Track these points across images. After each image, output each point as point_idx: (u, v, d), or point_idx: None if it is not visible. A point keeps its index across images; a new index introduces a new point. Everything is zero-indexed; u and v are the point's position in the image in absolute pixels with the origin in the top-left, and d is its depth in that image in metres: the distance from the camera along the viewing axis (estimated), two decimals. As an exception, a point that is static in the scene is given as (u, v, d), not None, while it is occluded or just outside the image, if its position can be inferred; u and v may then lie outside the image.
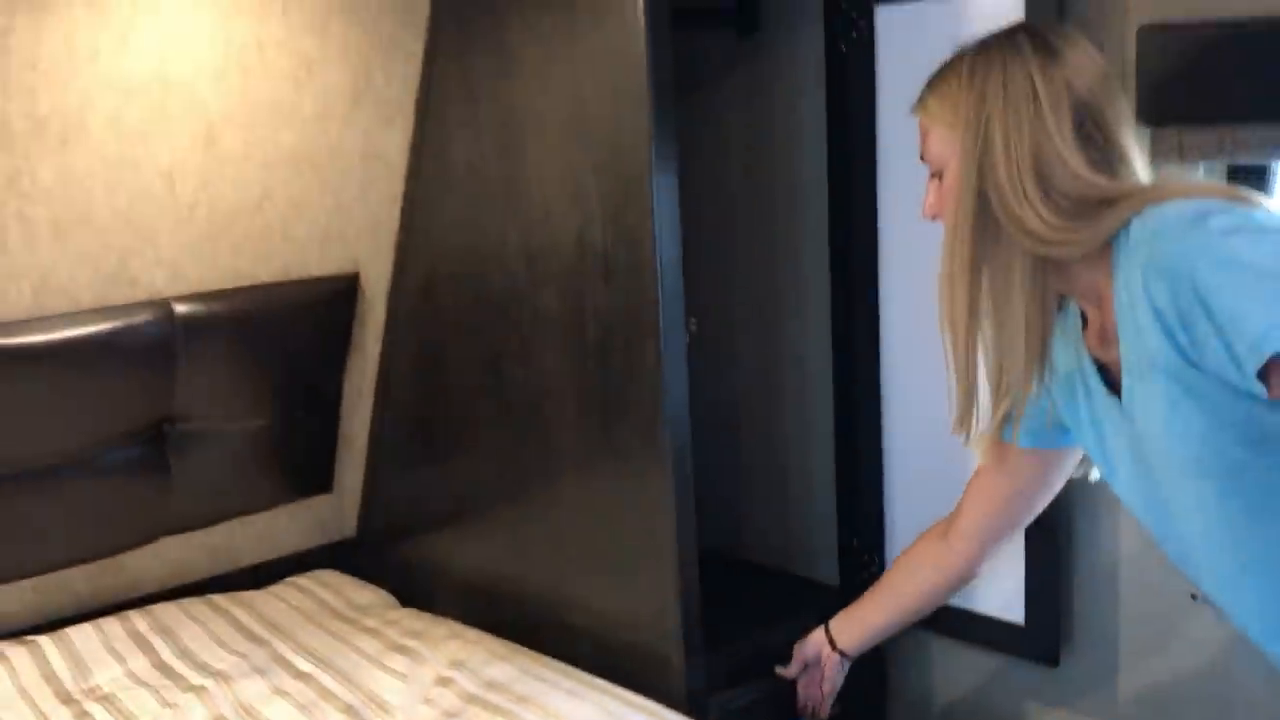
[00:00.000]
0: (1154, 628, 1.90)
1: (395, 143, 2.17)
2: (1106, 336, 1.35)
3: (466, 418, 2.22)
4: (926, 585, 1.78)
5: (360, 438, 2.45)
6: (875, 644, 1.88)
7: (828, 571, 2.29)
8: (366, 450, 2.46)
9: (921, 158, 1.42)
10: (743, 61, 2.31)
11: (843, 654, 1.86)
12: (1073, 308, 1.41)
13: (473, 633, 2.12)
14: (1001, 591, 2.01)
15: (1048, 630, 1.97)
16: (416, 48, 2.10)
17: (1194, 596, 1.78)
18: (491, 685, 1.90)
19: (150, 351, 2.05)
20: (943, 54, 1.41)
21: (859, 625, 1.85)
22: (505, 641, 2.07)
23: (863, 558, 2.20)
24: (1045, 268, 1.32)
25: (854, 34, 2.03)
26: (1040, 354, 1.36)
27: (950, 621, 2.07)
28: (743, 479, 2.48)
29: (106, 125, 1.87)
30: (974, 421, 1.46)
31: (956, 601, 1.98)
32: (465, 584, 2.30)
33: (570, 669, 1.95)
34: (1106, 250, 1.29)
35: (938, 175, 1.40)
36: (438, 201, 2.18)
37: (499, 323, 2.09)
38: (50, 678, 1.97)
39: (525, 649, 2.04)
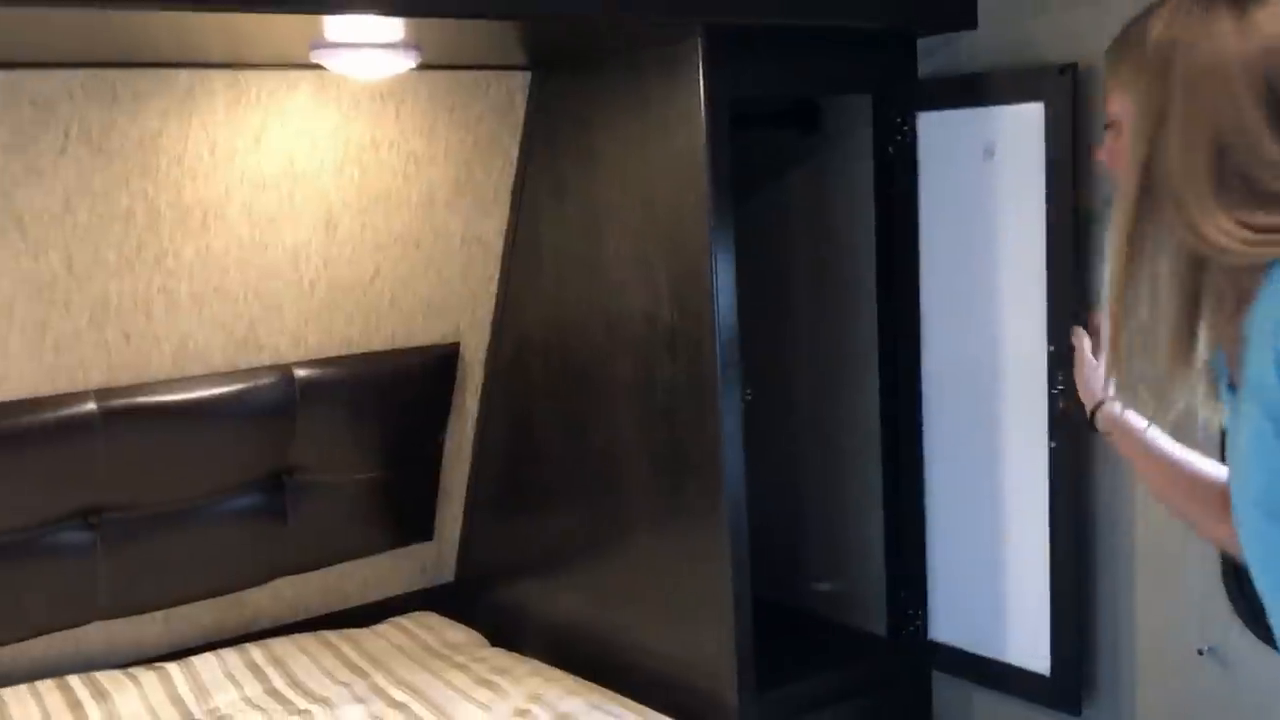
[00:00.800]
0: (1169, 680, 2.01)
1: (492, 228, 2.42)
2: (1236, 338, 1.23)
3: (553, 475, 2.43)
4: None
5: (459, 490, 2.68)
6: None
7: (877, 622, 2.43)
8: (464, 502, 2.69)
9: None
10: (804, 156, 2.51)
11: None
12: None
13: (552, 671, 2.31)
14: (1029, 643, 2.13)
15: (1070, 680, 2.09)
16: (512, 146, 2.35)
17: (1200, 652, 1.89)
18: (564, 718, 2.09)
19: (272, 410, 2.30)
20: (975, 155, 1.46)
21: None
22: (581, 679, 2.26)
23: (909, 611, 2.35)
24: (1204, 263, 1.20)
25: (899, 136, 2.23)
26: (1187, 347, 1.24)
27: (983, 670, 2.21)
28: (799, 534, 2.64)
29: (241, 212, 2.15)
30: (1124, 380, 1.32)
31: (989, 652, 2.11)
32: (549, 626, 2.50)
33: (637, 706, 2.13)
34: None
35: (1113, 125, 1.27)
36: (529, 280, 2.41)
37: (580, 389, 2.31)
38: (176, 700, 2.21)
39: (598, 687, 2.23)
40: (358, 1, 1.58)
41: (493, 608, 2.65)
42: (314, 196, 2.21)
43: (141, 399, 2.17)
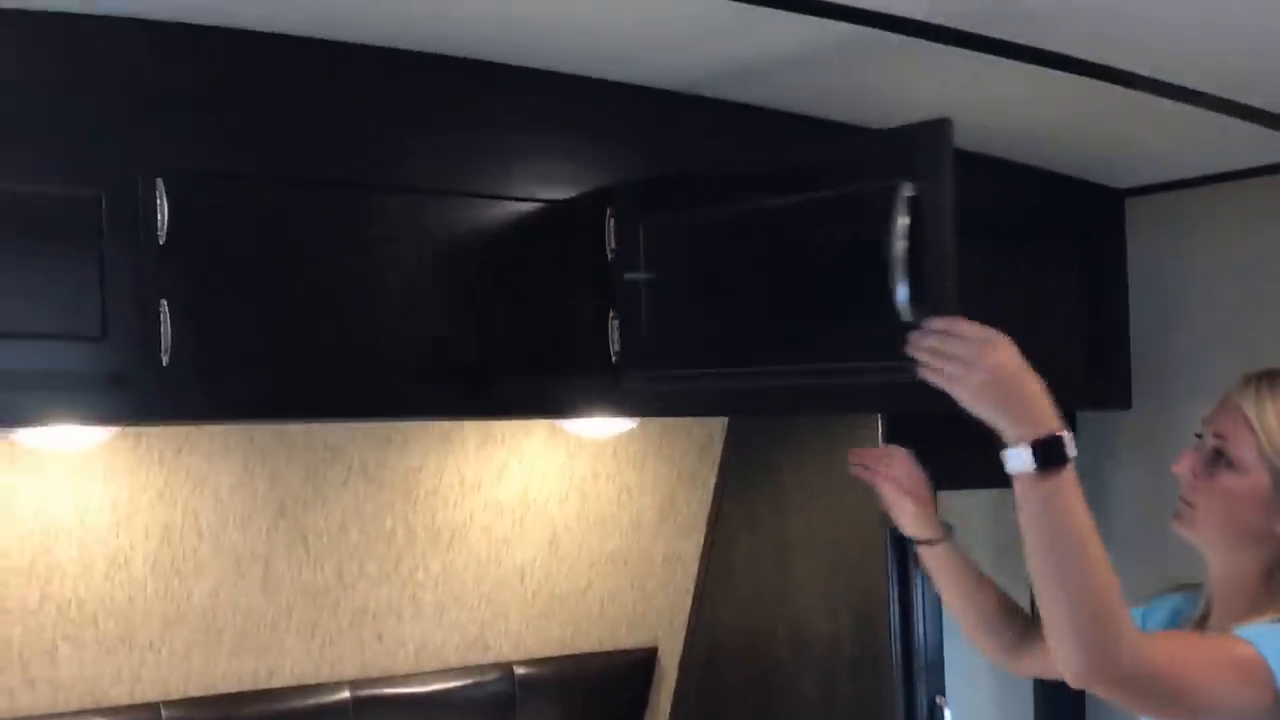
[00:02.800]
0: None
1: (690, 549, 2.74)
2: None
3: (740, 775, 2.65)
4: (979, 618, 1.69)
5: (651, 784, 2.91)
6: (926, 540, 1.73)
7: None
8: (655, 797, 2.91)
9: (1210, 422, 1.43)
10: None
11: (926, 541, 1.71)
12: None
13: None
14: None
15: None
16: (710, 479, 2.69)
17: None
18: None
19: (496, 703, 2.61)
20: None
21: (957, 563, 1.71)
22: None
23: None
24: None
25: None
26: None
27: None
28: None
29: (481, 534, 2.52)
30: None
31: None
32: None
33: None
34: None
35: (1216, 450, 1.42)
36: (722, 596, 2.70)
37: (767, 698, 2.54)
38: None
39: None
40: (599, 408, 1.93)
41: None
42: (542, 520, 2.57)
43: (388, 690, 2.50)
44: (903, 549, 2.20)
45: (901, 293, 1.40)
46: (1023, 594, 1.64)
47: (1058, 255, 2.48)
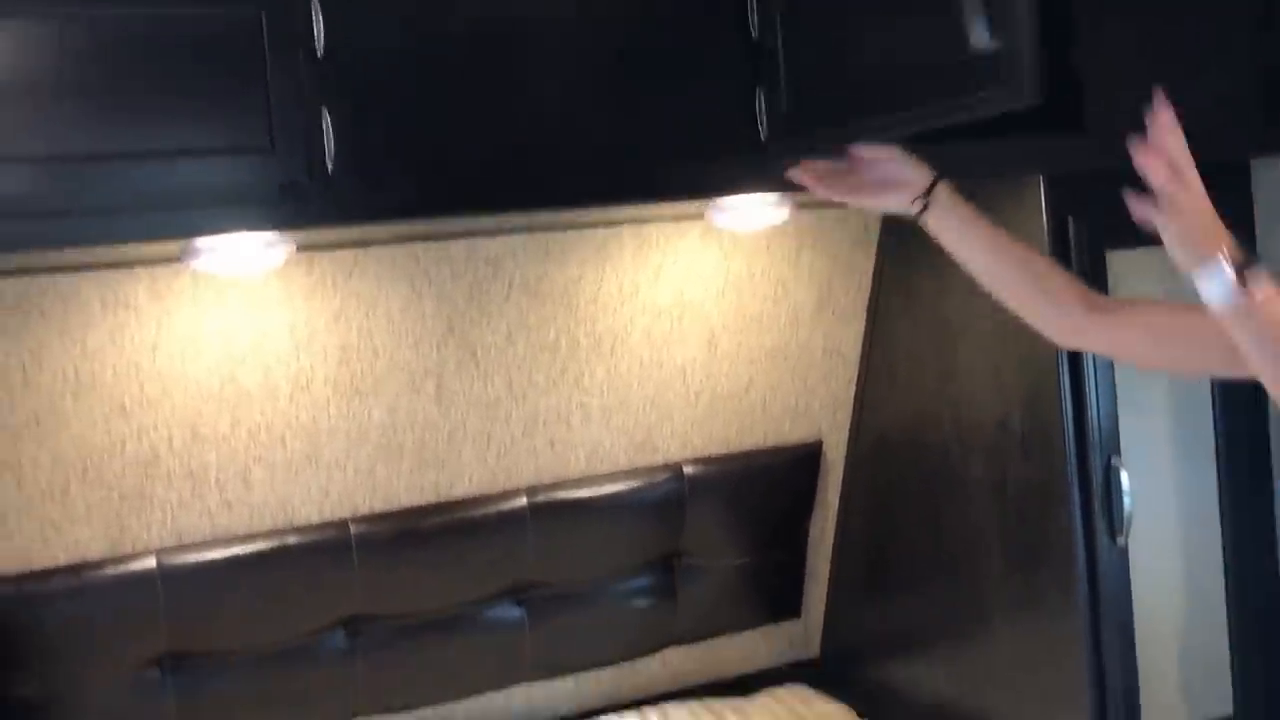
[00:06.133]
0: None
1: (850, 340, 2.72)
2: None
3: (910, 560, 2.68)
4: (1029, 282, 1.65)
5: (823, 572, 2.96)
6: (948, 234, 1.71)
7: None
8: (828, 583, 2.96)
9: None
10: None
11: (922, 208, 1.68)
12: None
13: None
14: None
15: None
16: (867, 267, 2.65)
17: None
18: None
19: (666, 502, 2.68)
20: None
21: (957, 213, 1.68)
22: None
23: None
24: None
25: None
26: None
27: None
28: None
29: (642, 338, 2.55)
30: None
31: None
32: (914, 704, 2.72)
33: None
34: None
35: None
36: (884, 385, 2.69)
37: (935, 484, 2.55)
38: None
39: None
40: (747, 185, 1.92)
41: (857, 683, 2.89)
42: (699, 320, 2.58)
43: (562, 494, 2.59)
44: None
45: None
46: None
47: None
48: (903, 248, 2.57)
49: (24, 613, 2.20)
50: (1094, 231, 2.18)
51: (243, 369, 2.24)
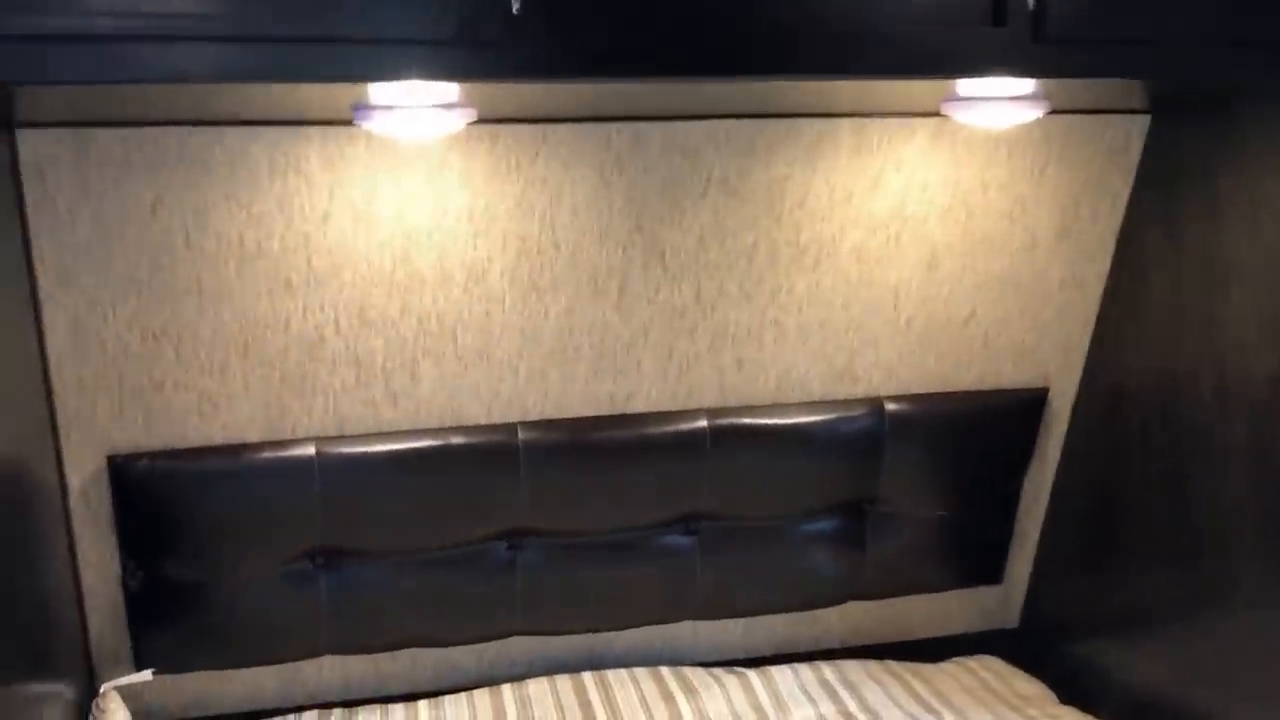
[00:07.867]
0: None
1: (1094, 273, 2.37)
2: None
3: (1142, 531, 2.33)
4: None
5: (1032, 536, 2.64)
6: None
7: None
8: (1036, 548, 2.65)
9: None
10: None
11: None
12: None
13: (1129, 739, 2.23)
14: None
15: None
16: (1123, 190, 2.29)
17: None
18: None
19: (862, 440, 2.41)
20: None
21: None
22: (1162, 753, 2.16)
23: None
24: None
25: None
26: None
27: None
28: None
29: (851, 252, 2.27)
30: None
31: None
32: (1126, 691, 2.40)
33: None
34: None
35: None
36: (1129, 329, 2.34)
37: (1182, 446, 2.20)
38: (756, 708, 2.36)
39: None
40: (994, 66, 1.62)
41: (1061, 662, 2.58)
42: (919, 238, 2.28)
43: (747, 420, 2.35)
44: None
45: None
46: None
47: None
48: (1168, 170, 2.20)
49: (179, 491, 2.13)
50: None
51: (417, 250, 2.08)
